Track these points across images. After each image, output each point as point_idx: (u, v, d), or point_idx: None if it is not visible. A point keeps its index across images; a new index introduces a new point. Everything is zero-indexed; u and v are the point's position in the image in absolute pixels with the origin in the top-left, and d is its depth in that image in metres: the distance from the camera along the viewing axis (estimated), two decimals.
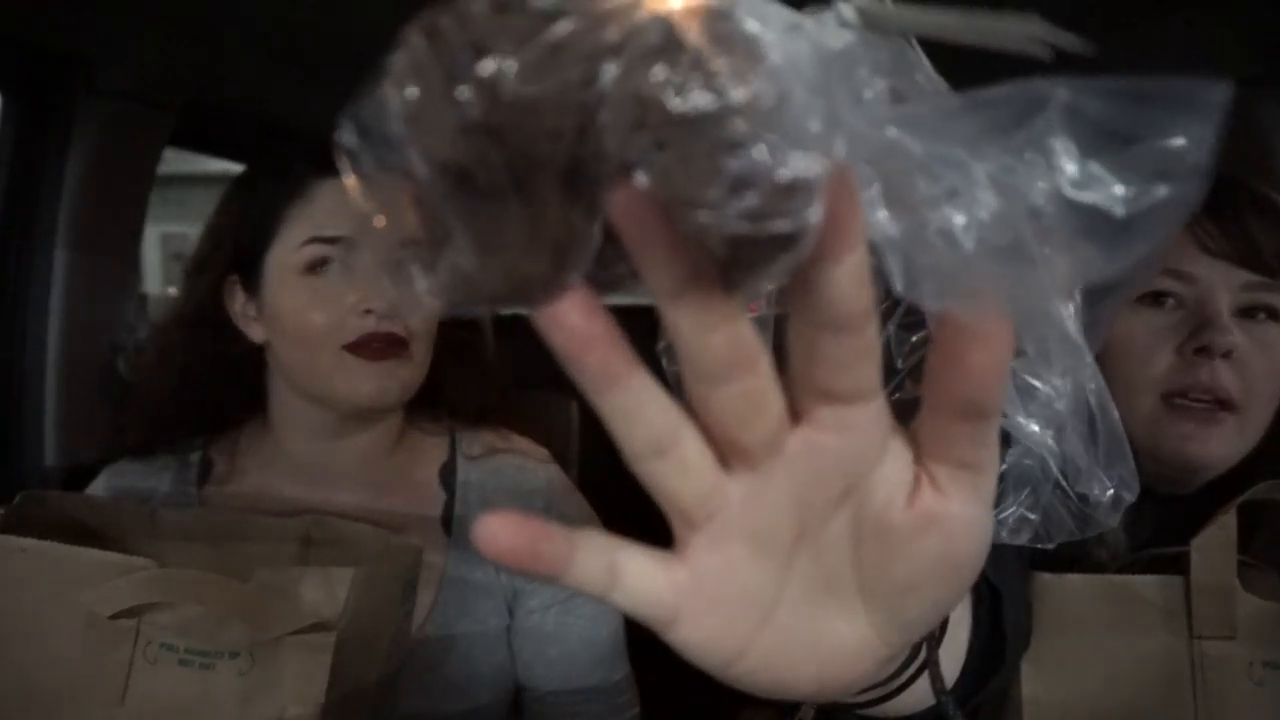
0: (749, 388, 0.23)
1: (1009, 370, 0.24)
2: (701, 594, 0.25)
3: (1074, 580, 0.64)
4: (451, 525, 0.84)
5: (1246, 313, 0.68)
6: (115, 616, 0.51)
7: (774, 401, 0.24)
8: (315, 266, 0.75)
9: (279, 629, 0.50)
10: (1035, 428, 0.25)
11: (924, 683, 0.43)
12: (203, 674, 0.51)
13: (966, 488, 0.25)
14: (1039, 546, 0.33)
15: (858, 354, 0.23)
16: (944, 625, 0.43)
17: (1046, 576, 0.64)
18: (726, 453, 0.25)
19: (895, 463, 0.25)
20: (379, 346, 0.75)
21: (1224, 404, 0.66)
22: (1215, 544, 0.61)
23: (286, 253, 0.76)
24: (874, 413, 0.24)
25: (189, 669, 0.51)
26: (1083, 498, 0.29)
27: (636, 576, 0.25)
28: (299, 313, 0.75)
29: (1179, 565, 0.63)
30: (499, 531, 0.23)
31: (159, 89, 1.32)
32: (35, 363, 1.28)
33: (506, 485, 0.85)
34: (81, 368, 1.29)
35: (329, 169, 0.77)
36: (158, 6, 1.20)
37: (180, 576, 0.52)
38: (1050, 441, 0.25)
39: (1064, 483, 0.29)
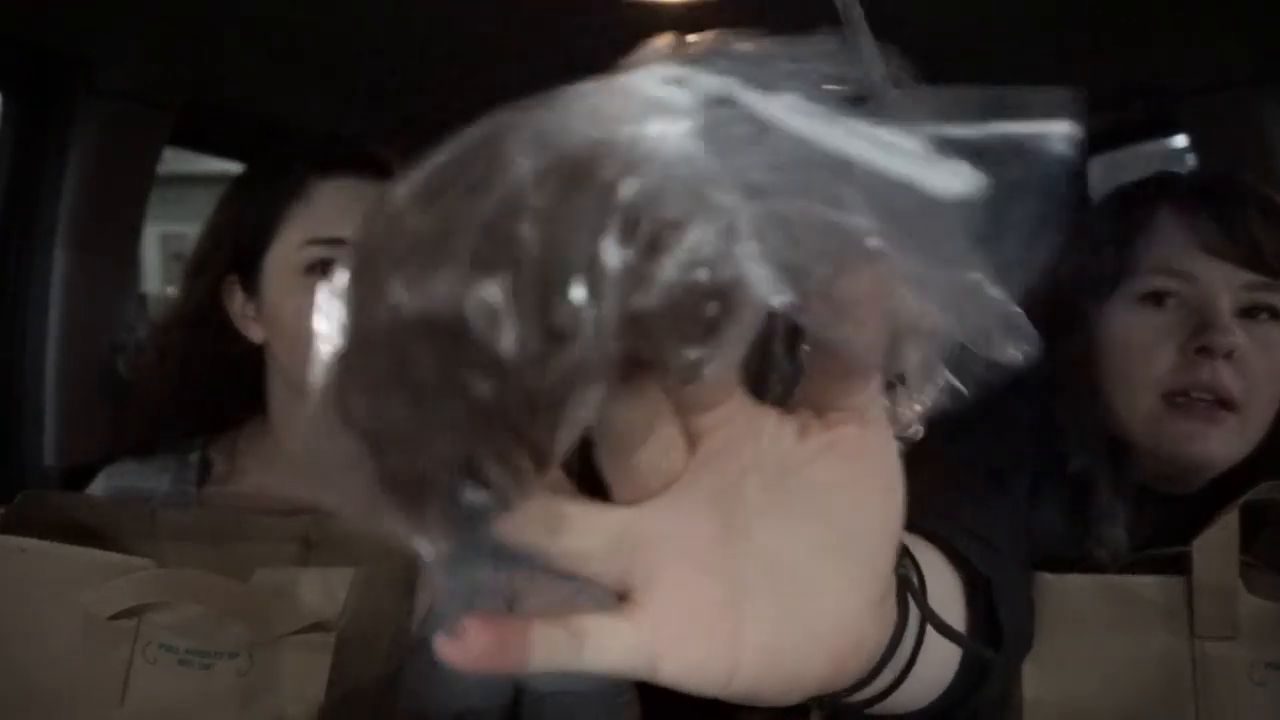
0: (661, 437, 0.24)
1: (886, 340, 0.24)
2: (667, 627, 0.25)
3: (1075, 580, 0.64)
4: None
5: (1248, 313, 0.68)
6: (115, 617, 0.51)
7: (679, 441, 0.25)
8: (315, 267, 0.75)
9: (278, 629, 0.50)
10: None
11: (931, 671, 0.43)
12: (202, 674, 0.51)
13: (852, 420, 0.25)
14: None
15: (731, 380, 0.24)
16: (921, 579, 0.42)
17: (1047, 576, 0.64)
18: (633, 495, 0.25)
19: (769, 416, 0.26)
20: None
21: (1225, 403, 0.66)
22: (1217, 544, 0.61)
23: (286, 253, 0.76)
24: (739, 394, 0.25)
25: (188, 669, 0.51)
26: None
27: (600, 635, 0.25)
28: (299, 313, 0.75)
29: (1180, 565, 0.63)
30: (473, 639, 0.23)
31: (159, 89, 1.32)
32: (35, 363, 1.28)
33: None
34: (81, 368, 1.29)
35: (329, 169, 0.77)
36: (158, 6, 1.20)
37: (179, 576, 0.52)
38: (949, 319, 0.26)
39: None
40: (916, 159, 0.22)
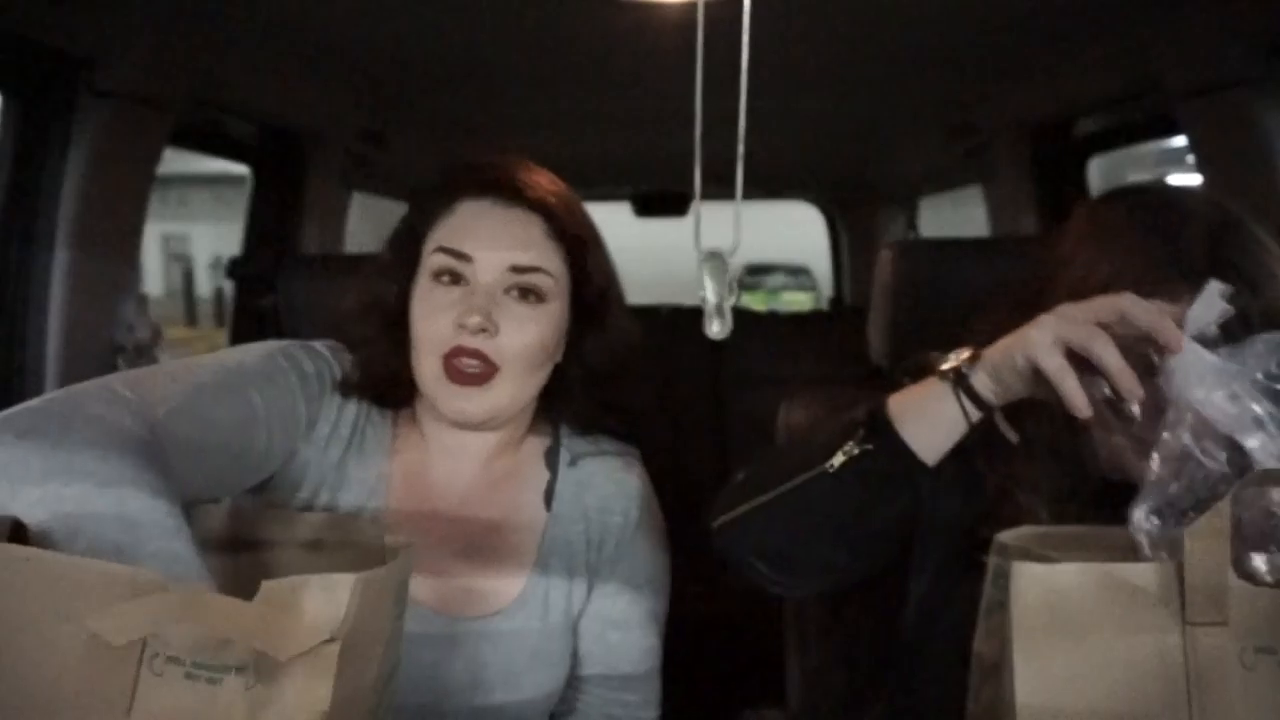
0: None
1: None
2: None
3: (1064, 570, 0.64)
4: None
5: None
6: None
7: None
8: (440, 275, 0.81)
9: (285, 651, 0.50)
10: None
11: None
12: (209, 688, 0.51)
13: None
14: None
15: None
16: None
17: (1038, 568, 0.64)
18: None
19: None
20: (470, 372, 0.80)
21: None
22: (1208, 531, 0.61)
23: (426, 257, 0.83)
24: None
25: (196, 683, 0.51)
26: None
27: None
28: (422, 313, 0.81)
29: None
30: None
31: (159, 89, 1.32)
32: (35, 363, 1.28)
33: (600, 492, 0.89)
34: (81, 367, 1.29)
35: (471, 190, 0.83)
36: (158, 6, 1.20)
37: (186, 600, 0.52)
38: None
39: None
40: None
